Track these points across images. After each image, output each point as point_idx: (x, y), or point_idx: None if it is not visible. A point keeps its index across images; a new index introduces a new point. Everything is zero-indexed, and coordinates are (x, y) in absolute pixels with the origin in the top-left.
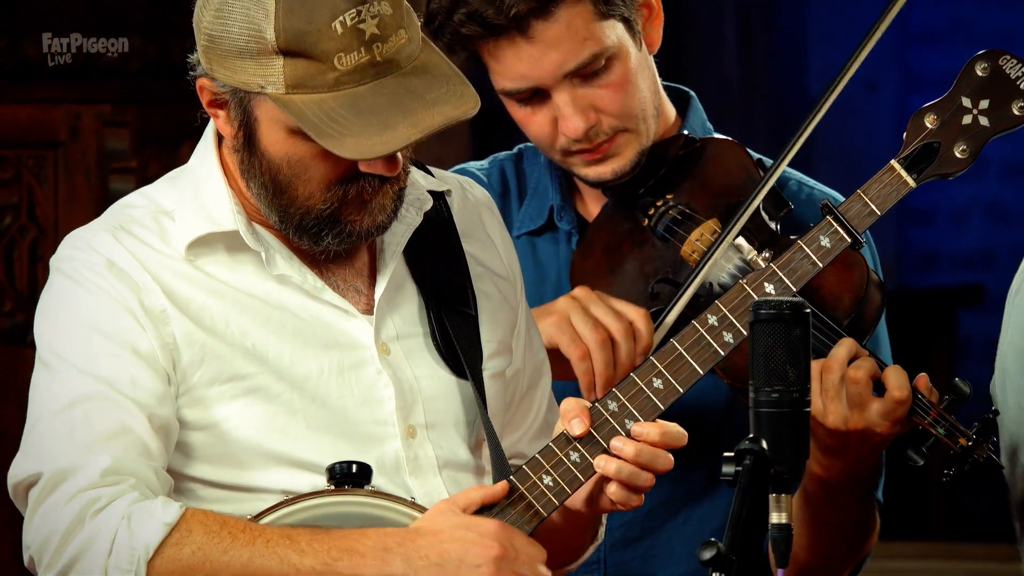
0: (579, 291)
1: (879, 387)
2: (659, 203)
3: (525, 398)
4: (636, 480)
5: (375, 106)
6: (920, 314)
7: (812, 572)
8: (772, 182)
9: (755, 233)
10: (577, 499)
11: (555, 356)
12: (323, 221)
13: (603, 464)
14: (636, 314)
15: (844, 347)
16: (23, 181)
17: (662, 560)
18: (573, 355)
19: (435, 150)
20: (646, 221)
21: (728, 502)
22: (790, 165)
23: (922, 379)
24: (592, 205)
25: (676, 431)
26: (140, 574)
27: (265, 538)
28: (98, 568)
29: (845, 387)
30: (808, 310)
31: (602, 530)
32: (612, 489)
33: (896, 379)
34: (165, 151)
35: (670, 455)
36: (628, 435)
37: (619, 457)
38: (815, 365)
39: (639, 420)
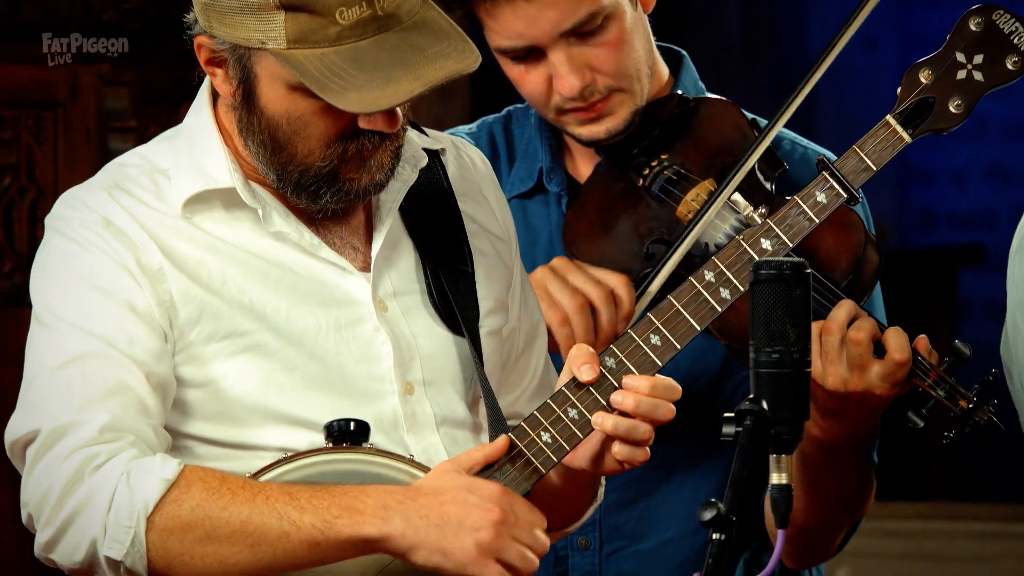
0: (557, 261)
1: (878, 349)
2: (653, 163)
3: (521, 358)
4: (635, 434)
5: (377, 60)
6: (920, 274)
7: (809, 534)
8: (768, 141)
9: (751, 193)
10: (582, 459)
11: None
12: (322, 179)
13: (600, 421)
14: (616, 280)
15: (844, 309)
16: (22, 141)
17: (657, 523)
18: (553, 321)
19: (435, 110)
20: (640, 181)
21: (722, 465)
22: (787, 127)
23: (922, 341)
24: (583, 166)
25: (665, 383)
26: (139, 530)
27: (265, 495)
28: (97, 524)
29: (845, 349)
30: (809, 270)
31: (601, 491)
32: (616, 448)
33: (896, 341)
34: (165, 111)
35: (671, 405)
36: None
37: (619, 411)
38: (814, 327)
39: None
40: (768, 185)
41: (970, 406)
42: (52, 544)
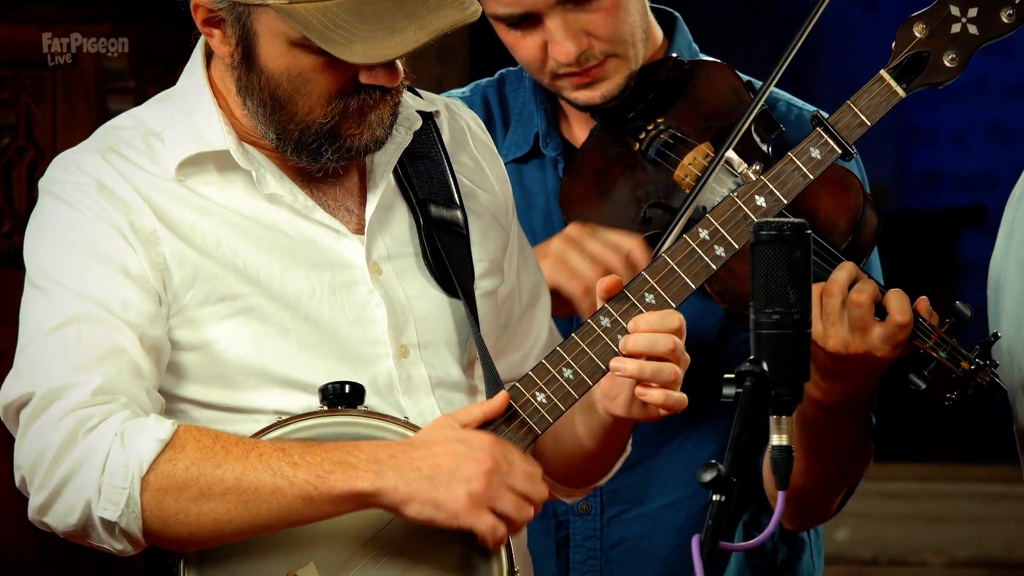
0: (572, 229)
1: (879, 311)
2: (649, 127)
3: (523, 319)
4: (662, 376)
5: (380, 11)
6: (921, 235)
7: (807, 496)
8: (763, 100)
9: (747, 156)
10: (620, 406)
11: (555, 296)
12: (323, 136)
13: (621, 366)
14: (632, 243)
15: (844, 271)
16: (21, 102)
17: (657, 486)
18: (575, 292)
19: (435, 71)
20: (637, 145)
21: (721, 428)
22: (787, 88)
23: (923, 302)
24: (579, 129)
25: (659, 315)
26: (134, 491)
27: (258, 452)
28: (91, 486)
29: (847, 311)
30: (809, 231)
31: (629, 443)
32: (651, 395)
33: (898, 303)
34: (164, 72)
35: (673, 338)
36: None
37: (633, 355)
38: (814, 289)
39: None
40: (764, 147)
41: (971, 367)
42: (46, 507)
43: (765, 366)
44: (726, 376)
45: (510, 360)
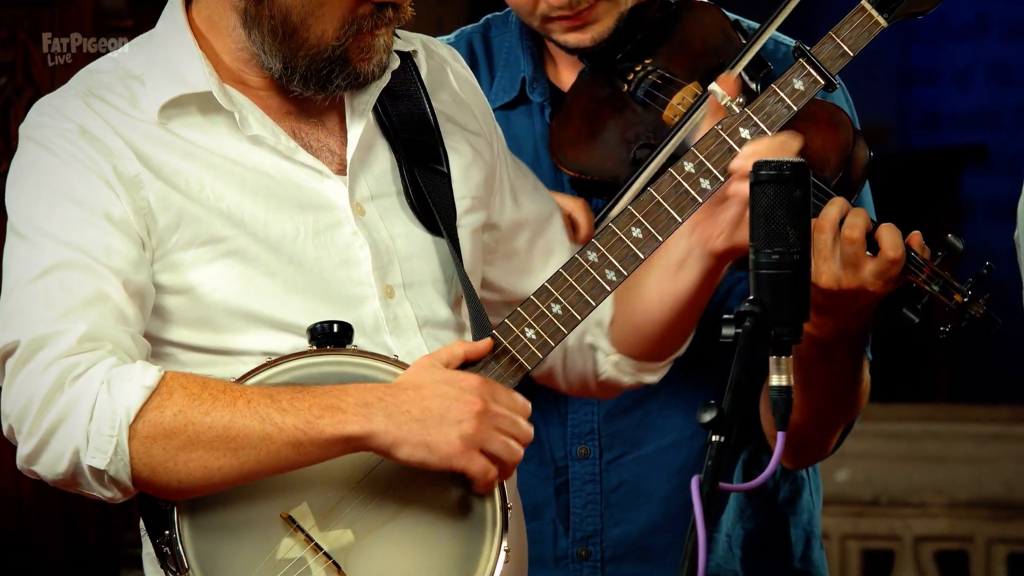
0: None
1: (871, 246)
2: (638, 68)
3: (537, 245)
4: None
5: None
6: (923, 175)
7: (804, 433)
8: (758, 47)
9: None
10: (723, 238)
11: None
12: (334, 61)
13: (741, 163)
14: (574, 204)
15: (836, 207)
16: (18, 40)
17: (655, 429)
18: None
19: (435, 11)
20: (625, 87)
21: (718, 369)
22: (787, 24)
23: (915, 237)
24: (566, 74)
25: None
26: (122, 439)
27: (246, 398)
28: (79, 434)
29: (840, 247)
30: (809, 170)
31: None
32: None
33: (890, 238)
34: (160, 11)
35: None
36: (609, 286)
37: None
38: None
39: (620, 271)
40: (754, 86)
41: (965, 300)
42: (35, 456)
43: (765, 306)
44: (725, 316)
45: (535, 279)
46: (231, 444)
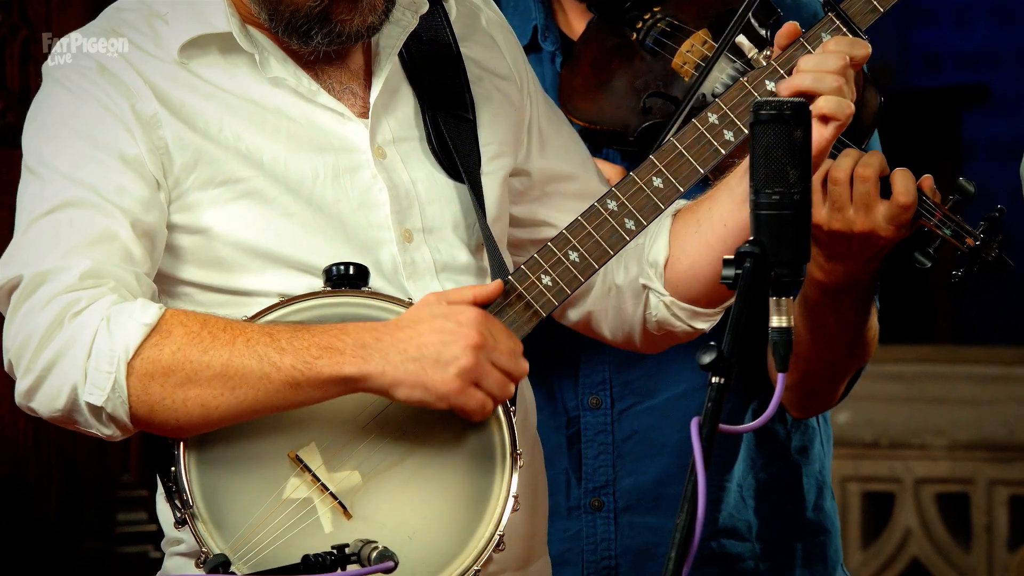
0: None
1: (883, 190)
2: (647, 16)
3: (568, 190)
4: (824, 83)
5: None
6: (924, 115)
7: (812, 379)
8: None
9: (755, 41)
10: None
11: None
12: (313, 19)
13: (782, 85)
14: (612, 171)
15: (850, 158)
16: None
17: (666, 377)
18: None
19: None
20: (634, 35)
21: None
22: None
23: (926, 180)
24: (576, 22)
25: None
26: (120, 376)
27: (245, 337)
28: (78, 370)
29: (853, 187)
30: (810, 111)
31: None
32: (821, 106)
33: (903, 183)
34: None
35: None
36: (627, 235)
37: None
38: (818, 175)
39: (639, 220)
40: (764, 32)
41: (977, 243)
42: (33, 391)
43: (765, 247)
44: (726, 257)
45: (580, 203)
46: (228, 383)
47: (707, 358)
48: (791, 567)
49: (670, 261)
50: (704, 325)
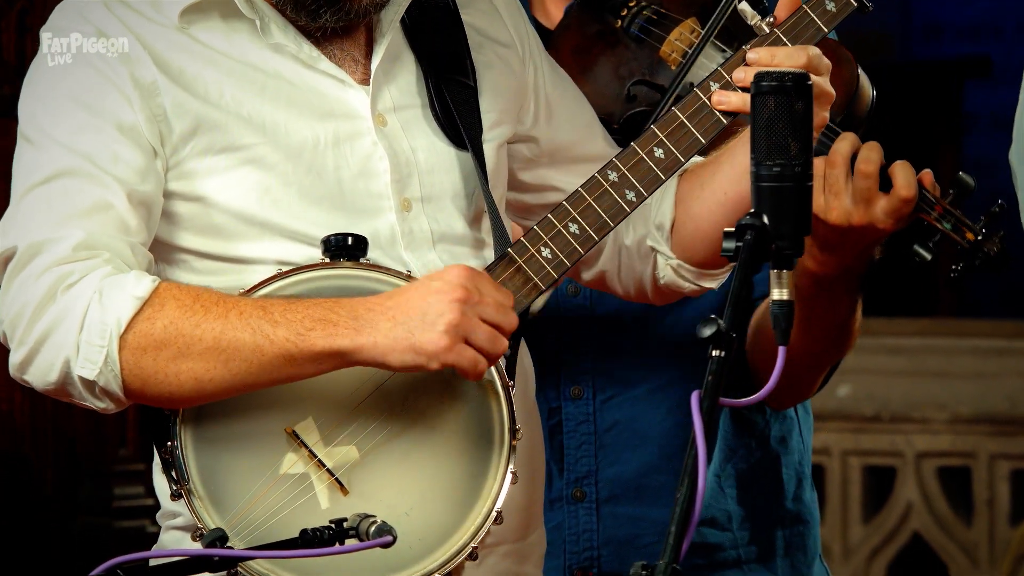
0: None
1: (883, 183)
2: (631, 3)
3: (584, 148)
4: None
5: None
6: (925, 86)
7: (794, 370)
8: None
9: (737, 28)
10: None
11: None
12: None
13: (742, 75)
14: None
15: (847, 142)
16: None
17: (648, 368)
18: None
19: None
20: (619, 22)
21: (712, 308)
22: None
23: (926, 175)
24: (554, 10)
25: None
26: (112, 349)
27: (239, 310)
28: (70, 343)
29: (853, 182)
30: (811, 82)
31: None
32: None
33: (904, 177)
34: None
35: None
36: (628, 207)
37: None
38: (815, 163)
39: (640, 191)
40: (765, 1)
41: (978, 238)
42: (26, 364)
43: (765, 219)
44: (726, 230)
45: (585, 168)
46: (222, 356)
47: (707, 331)
48: (772, 556)
49: (676, 224)
50: (712, 284)
